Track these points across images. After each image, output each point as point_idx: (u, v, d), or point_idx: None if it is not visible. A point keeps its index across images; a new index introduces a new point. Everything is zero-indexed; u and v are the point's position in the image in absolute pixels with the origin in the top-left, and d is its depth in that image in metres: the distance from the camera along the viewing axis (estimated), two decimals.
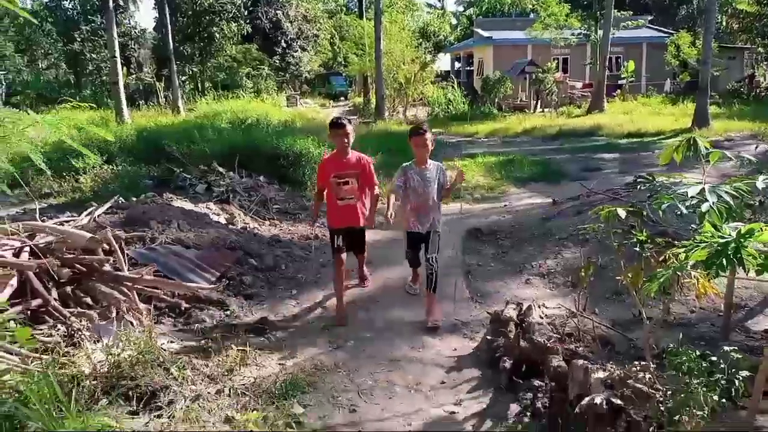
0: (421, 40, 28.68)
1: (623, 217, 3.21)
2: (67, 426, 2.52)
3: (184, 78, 34.73)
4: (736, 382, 2.58)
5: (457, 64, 40.22)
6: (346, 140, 4.94)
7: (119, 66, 19.49)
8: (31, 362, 3.36)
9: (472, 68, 35.60)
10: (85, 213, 5.69)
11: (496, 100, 25.59)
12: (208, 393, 3.29)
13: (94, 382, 3.30)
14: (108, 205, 6.27)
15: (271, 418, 3.08)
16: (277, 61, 40.44)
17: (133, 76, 32.07)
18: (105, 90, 31.69)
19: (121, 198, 7.18)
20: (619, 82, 28.03)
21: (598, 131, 18.01)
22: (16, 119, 3.03)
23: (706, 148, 3.32)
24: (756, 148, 11.49)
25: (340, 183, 4.96)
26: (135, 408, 3.12)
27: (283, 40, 41.14)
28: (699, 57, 20.55)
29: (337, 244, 5.00)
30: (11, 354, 3.41)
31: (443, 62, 45.80)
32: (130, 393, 3.25)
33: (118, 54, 19.35)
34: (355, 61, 30.41)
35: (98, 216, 5.68)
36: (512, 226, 7.76)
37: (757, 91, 26.54)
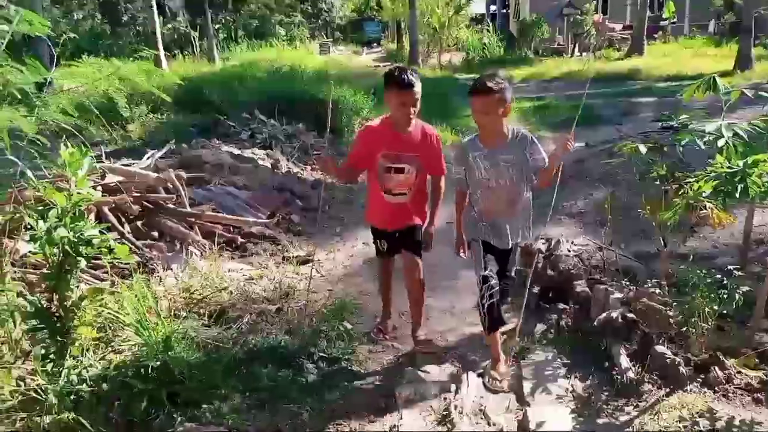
0: None
1: (644, 152, 3.47)
2: (159, 329, 2.99)
3: (217, 27, 34.82)
4: (736, 295, 2.90)
5: (492, 7, 39.31)
6: (412, 109, 3.19)
7: (156, 15, 19.79)
8: (114, 285, 3.88)
9: (507, 11, 34.81)
10: (145, 157, 6.17)
11: (533, 44, 25.16)
12: (269, 310, 3.76)
13: (169, 302, 3.80)
14: (165, 150, 6.75)
15: (325, 331, 3.54)
16: (309, 8, 40.15)
17: (169, 26, 32.26)
18: (141, 40, 32.08)
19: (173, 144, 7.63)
20: (661, 23, 27.16)
21: (637, 75, 17.75)
22: (98, 67, 3.44)
23: (726, 87, 3.54)
24: None
25: (391, 169, 3.29)
26: (207, 322, 3.60)
27: None
28: None
29: (381, 247, 3.64)
30: (98, 279, 3.95)
31: (478, 5, 44.62)
32: (201, 311, 3.75)
33: (154, 3, 19.64)
34: (389, 6, 30.06)
35: (156, 160, 6.15)
36: None
37: None
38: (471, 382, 3.14)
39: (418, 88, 3.13)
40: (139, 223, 4.75)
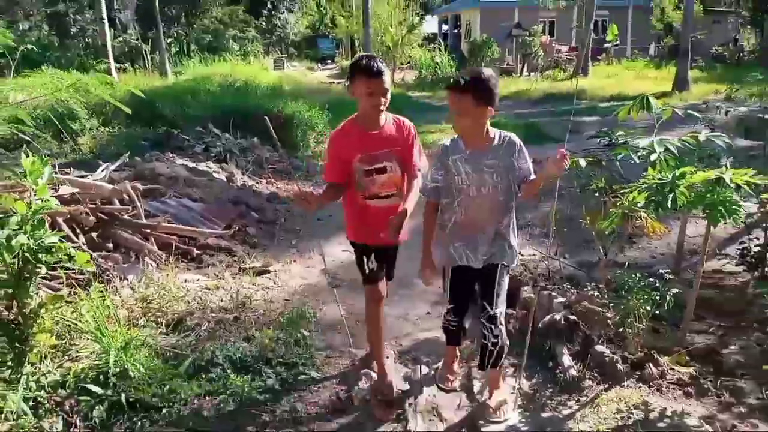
0: (408, 1, 28.68)
1: (584, 166, 3.72)
2: (117, 337, 3.03)
3: (169, 40, 34.42)
4: (668, 297, 3.14)
5: (444, 27, 40.10)
6: (382, 99, 2.86)
7: (107, 28, 19.49)
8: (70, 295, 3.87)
9: (459, 31, 35.62)
10: (100, 169, 6.13)
11: (483, 64, 25.83)
12: (227, 319, 3.82)
13: (126, 311, 3.82)
14: (119, 162, 6.72)
15: (283, 338, 3.63)
16: (264, 24, 40.17)
17: (119, 38, 31.72)
18: (90, 53, 31.42)
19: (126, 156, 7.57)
20: (604, 45, 28.33)
21: (582, 94, 18.48)
22: (58, 78, 3.47)
23: (658, 107, 3.84)
24: (718, 110, 11.96)
25: (371, 172, 2.93)
26: (165, 331, 3.64)
27: (269, 2, 40.78)
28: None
29: (369, 266, 3.07)
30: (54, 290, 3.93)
31: (430, 25, 45.58)
32: (159, 320, 3.78)
33: (105, 15, 19.36)
34: (343, 23, 30.39)
35: (110, 173, 6.12)
36: None
37: (740, 55, 27.00)
38: (425, 382, 3.28)
39: (387, 77, 2.83)
40: (94, 234, 4.73)
